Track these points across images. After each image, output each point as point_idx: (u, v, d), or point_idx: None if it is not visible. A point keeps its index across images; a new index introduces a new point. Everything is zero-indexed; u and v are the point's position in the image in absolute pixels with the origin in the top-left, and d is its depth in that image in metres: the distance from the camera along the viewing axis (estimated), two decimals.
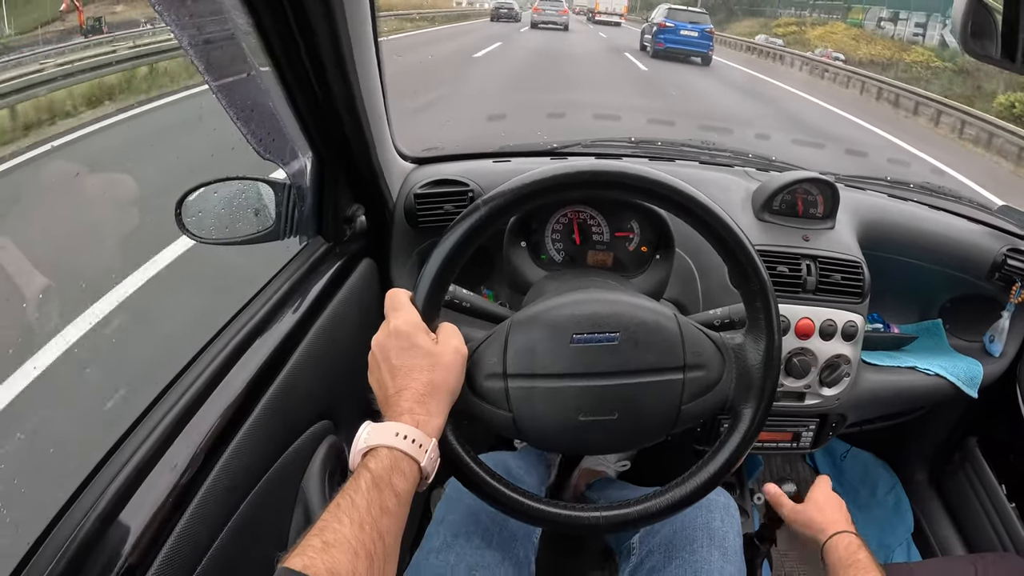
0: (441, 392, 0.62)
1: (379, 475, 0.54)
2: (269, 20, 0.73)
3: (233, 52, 0.77)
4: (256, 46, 0.77)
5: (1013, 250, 1.20)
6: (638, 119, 1.72)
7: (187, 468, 0.64)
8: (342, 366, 0.95)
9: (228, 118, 0.77)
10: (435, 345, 0.63)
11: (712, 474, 0.70)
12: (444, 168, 1.11)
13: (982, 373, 1.20)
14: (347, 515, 0.50)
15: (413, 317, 0.64)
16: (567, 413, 0.67)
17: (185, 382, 0.71)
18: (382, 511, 0.52)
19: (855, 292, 1.05)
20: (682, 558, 0.80)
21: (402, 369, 0.61)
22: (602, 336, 0.67)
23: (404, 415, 0.59)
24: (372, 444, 0.56)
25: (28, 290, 0.73)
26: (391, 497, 0.53)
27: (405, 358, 0.62)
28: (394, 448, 0.56)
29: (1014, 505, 1.29)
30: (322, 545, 0.47)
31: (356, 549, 0.48)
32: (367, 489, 0.52)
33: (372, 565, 0.49)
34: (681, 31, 13.87)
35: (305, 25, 0.74)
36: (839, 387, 1.08)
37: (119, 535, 0.58)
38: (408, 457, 0.56)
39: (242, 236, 0.96)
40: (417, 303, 0.66)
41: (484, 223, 0.67)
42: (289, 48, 0.77)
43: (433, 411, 0.60)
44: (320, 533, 0.48)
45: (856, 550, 0.83)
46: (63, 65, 2.15)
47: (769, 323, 0.70)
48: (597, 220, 0.98)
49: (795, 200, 1.09)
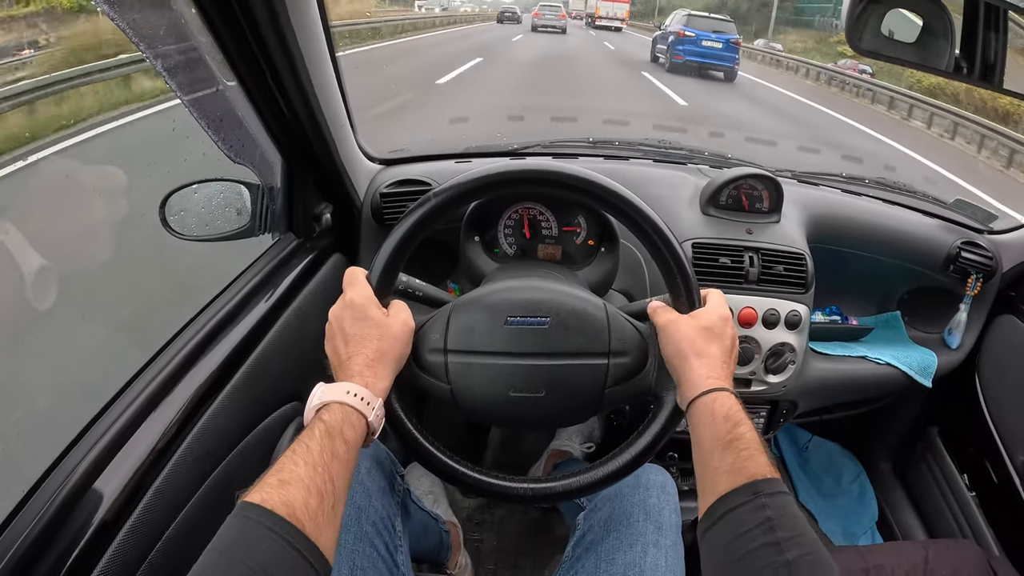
0: (388, 359, 0.68)
1: (332, 426, 0.59)
2: (231, 42, 0.80)
3: (201, 70, 0.85)
4: (223, 64, 0.85)
5: (967, 243, 1.23)
6: (595, 119, 1.75)
7: (162, 436, 0.71)
8: (311, 353, 1.01)
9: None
10: (385, 317, 0.70)
11: (634, 455, 0.75)
12: (409, 169, 1.18)
13: (936, 363, 1.23)
14: (302, 458, 0.55)
15: (367, 291, 0.70)
16: (499, 388, 0.73)
17: (161, 362, 0.79)
18: (333, 456, 0.56)
19: (798, 283, 1.09)
20: (619, 531, 0.85)
21: (355, 337, 0.67)
22: (534, 320, 0.74)
23: (355, 377, 0.64)
24: (325, 400, 0.61)
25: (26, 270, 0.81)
26: (341, 445, 0.58)
27: (358, 327, 0.67)
28: (345, 404, 0.61)
29: (974, 494, 1.31)
30: (278, 483, 0.52)
31: (309, 487, 0.53)
32: (320, 437, 0.57)
33: (323, 502, 0.53)
34: (703, 42, 11.84)
35: (262, 45, 0.82)
36: (784, 374, 1.12)
37: (99, 493, 0.65)
38: (357, 412, 0.61)
39: (220, 233, 1.03)
40: (371, 280, 0.72)
41: (433, 213, 0.73)
42: (251, 66, 0.85)
43: (380, 375, 0.66)
44: (277, 473, 0.53)
45: (738, 422, 0.63)
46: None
47: (690, 298, 0.74)
48: (546, 216, 1.04)
49: (740, 195, 1.14)
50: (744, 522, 0.55)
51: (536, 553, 1.41)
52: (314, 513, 0.52)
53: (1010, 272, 1.25)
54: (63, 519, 0.62)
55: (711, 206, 1.13)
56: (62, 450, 0.67)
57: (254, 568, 0.47)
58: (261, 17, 0.76)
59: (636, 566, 0.80)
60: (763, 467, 0.59)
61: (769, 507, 0.55)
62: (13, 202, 0.83)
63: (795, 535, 0.53)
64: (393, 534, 0.86)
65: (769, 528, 0.54)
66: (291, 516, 0.51)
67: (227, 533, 0.50)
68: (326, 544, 0.53)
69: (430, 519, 1.11)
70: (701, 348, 0.69)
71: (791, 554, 0.52)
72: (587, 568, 0.83)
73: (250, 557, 0.48)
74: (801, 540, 0.53)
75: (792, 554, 0.52)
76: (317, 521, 0.52)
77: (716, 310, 0.73)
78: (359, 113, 1.08)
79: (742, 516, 0.56)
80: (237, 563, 0.47)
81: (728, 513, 0.57)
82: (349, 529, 0.78)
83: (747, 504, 0.56)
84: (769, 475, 0.58)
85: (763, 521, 0.54)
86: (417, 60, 10.79)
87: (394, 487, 0.91)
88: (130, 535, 0.65)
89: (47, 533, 0.60)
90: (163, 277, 1.76)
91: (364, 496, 0.83)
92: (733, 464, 0.59)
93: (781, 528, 0.54)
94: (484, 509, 1.49)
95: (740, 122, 7.23)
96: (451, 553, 1.23)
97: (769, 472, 0.58)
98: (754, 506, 0.56)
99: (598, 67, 12.55)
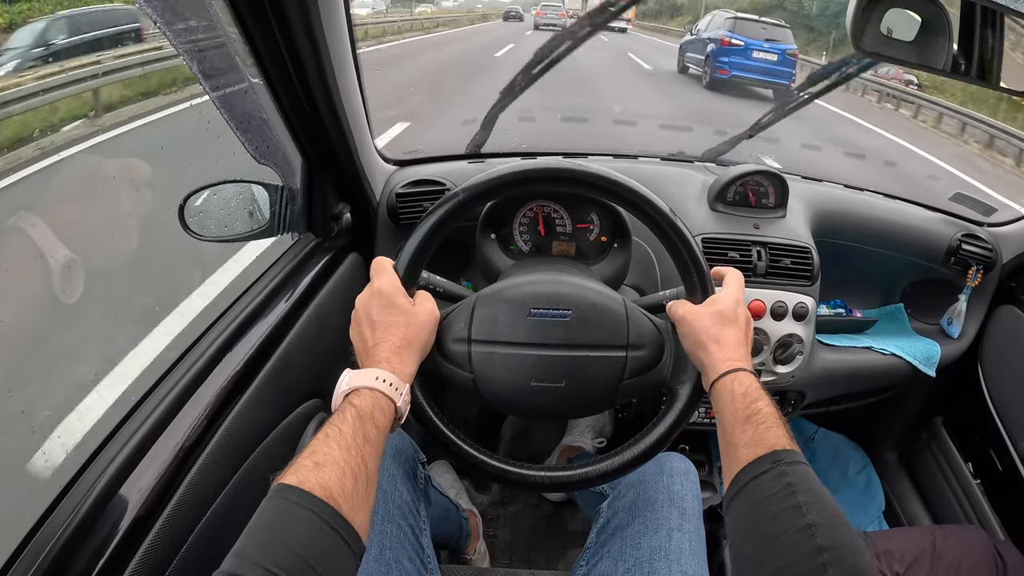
0: (414, 346, 0.69)
1: (363, 410, 0.60)
2: (262, 46, 0.83)
3: (230, 69, 0.87)
4: (249, 62, 0.88)
5: (967, 236, 1.26)
6: (605, 121, 1.79)
7: (190, 433, 0.73)
8: (331, 349, 1.04)
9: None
10: (412, 306, 0.72)
11: (650, 444, 0.77)
12: (423, 169, 1.21)
13: (939, 353, 1.25)
14: (335, 441, 0.56)
15: (394, 280, 0.72)
16: (521, 378, 0.76)
17: (188, 362, 0.81)
18: (365, 440, 0.58)
19: (805, 275, 1.12)
20: (644, 517, 0.87)
21: (381, 324, 0.69)
22: (556, 312, 0.76)
23: (382, 363, 0.65)
24: (355, 386, 0.62)
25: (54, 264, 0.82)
26: (372, 429, 0.59)
27: (385, 315, 0.69)
28: (375, 389, 0.62)
29: (978, 482, 1.34)
30: (313, 465, 0.54)
31: (344, 469, 0.54)
32: (352, 421, 0.59)
33: (357, 484, 0.55)
34: (754, 52, 9.08)
35: (292, 50, 0.85)
36: (792, 365, 1.15)
37: (130, 490, 0.67)
38: (386, 397, 0.63)
39: (239, 234, 1.05)
40: (398, 270, 0.74)
41: (460, 207, 0.75)
42: (280, 69, 0.88)
43: (407, 361, 0.68)
44: (311, 455, 0.55)
45: (756, 398, 0.65)
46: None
47: (704, 288, 0.76)
48: (560, 213, 1.07)
49: (747, 191, 1.17)
50: (766, 488, 0.58)
51: (549, 548, 1.43)
52: (350, 495, 0.54)
53: (1010, 263, 1.27)
54: (95, 518, 0.63)
55: (719, 202, 1.16)
56: (93, 450, 0.69)
57: (295, 549, 0.49)
58: (292, 16, 0.79)
59: (662, 550, 0.82)
60: (782, 438, 0.61)
61: (789, 474, 0.57)
62: (42, 196, 0.85)
63: (816, 499, 0.56)
64: (418, 518, 0.88)
65: (791, 493, 0.56)
66: (328, 497, 0.52)
67: (267, 515, 0.51)
68: (361, 524, 0.55)
69: (451, 505, 1.13)
70: (717, 334, 0.71)
71: (811, 516, 0.54)
72: (612, 553, 0.85)
73: (291, 538, 0.49)
74: (822, 504, 0.56)
75: (813, 516, 0.54)
76: (353, 502, 0.54)
77: (729, 294, 0.75)
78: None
79: (764, 483, 0.58)
80: (279, 544, 0.49)
81: (751, 482, 0.59)
82: (377, 511, 0.80)
83: (768, 472, 0.58)
84: (788, 446, 0.60)
85: (784, 487, 0.57)
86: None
87: (416, 474, 0.93)
88: (163, 531, 0.67)
89: (80, 533, 0.61)
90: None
91: (390, 481, 0.86)
92: (753, 437, 0.62)
93: (802, 493, 0.56)
94: (498, 505, 1.52)
95: (745, 121, 6.74)
96: (470, 540, 1.25)
97: (788, 443, 0.61)
98: (775, 474, 0.58)
99: (620, 81, 10.55)
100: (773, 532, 0.55)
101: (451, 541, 1.19)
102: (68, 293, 0.87)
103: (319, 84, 0.92)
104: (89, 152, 2.04)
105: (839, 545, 0.53)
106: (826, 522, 0.54)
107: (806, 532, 0.53)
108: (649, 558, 0.82)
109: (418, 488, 0.92)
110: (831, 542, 0.52)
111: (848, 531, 0.55)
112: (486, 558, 1.33)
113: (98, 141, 2.24)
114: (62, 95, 2.01)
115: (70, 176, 0.92)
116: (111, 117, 2.47)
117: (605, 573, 0.84)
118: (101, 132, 2.35)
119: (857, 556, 0.53)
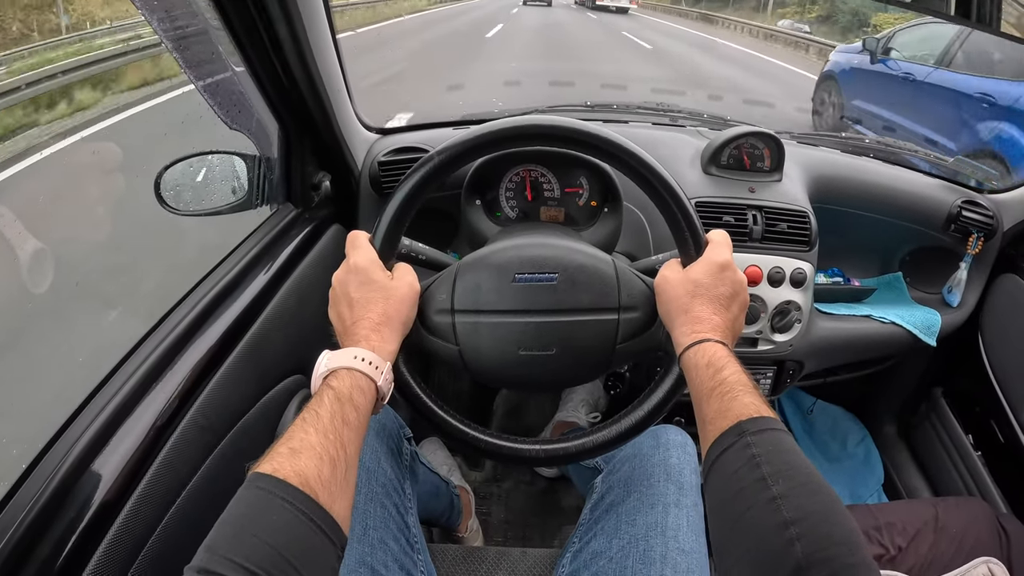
0: (395, 322, 0.67)
1: (341, 392, 0.58)
2: (234, 13, 0.79)
3: (200, 35, 0.84)
4: (221, 29, 0.84)
5: (968, 202, 1.23)
6: (593, 84, 1.75)
7: (164, 409, 0.70)
8: (312, 324, 1.00)
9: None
10: (390, 280, 0.69)
11: (647, 412, 0.73)
12: (406, 137, 1.17)
13: (940, 322, 1.23)
14: (312, 426, 0.54)
15: (371, 254, 0.69)
16: (508, 347, 0.72)
17: (159, 335, 0.77)
18: (344, 423, 0.56)
19: (802, 240, 1.09)
20: (640, 491, 0.84)
21: (359, 301, 0.66)
22: (542, 276, 0.73)
23: (361, 341, 0.63)
24: (332, 367, 0.60)
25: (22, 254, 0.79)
26: (351, 411, 0.57)
27: (363, 291, 0.66)
28: (353, 369, 0.60)
29: (979, 453, 1.32)
30: (289, 451, 0.51)
31: (321, 455, 0.52)
32: (330, 404, 0.56)
33: (335, 469, 0.52)
34: None
35: (263, 12, 0.81)
36: (791, 333, 1.11)
37: (102, 467, 0.63)
38: (366, 376, 0.60)
39: (217, 207, 1.01)
40: (375, 243, 0.71)
41: (435, 171, 0.71)
42: (254, 39, 0.84)
43: (387, 338, 0.65)
44: (287, 441, 0.52)
45: (720, 367, 0.61)
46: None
47: (698, 246, 0.72)
48: (548, 177, 1.03)
49: (741, 155, 1.13)
50: (731, 463, 0.54)
51: (544, 525, 1.41)
52: (327, 482, 0.51)
53: (1011, 231, 1.25)
54: (63, 496, 0.60)
55: (713, 165, 1.13)
56: (59, 426, 0.66)
57: (268, 541, 0.46)
58: None
59: (658, 526, 0.79)
60: (748, 407, 0.56)
61: (755, 445, 0.53)
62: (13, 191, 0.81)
63: (783, 468, 0.51)
64: (403, 496, 0.85)
65: (755, 465, 0.52)
66: (304, 485, 0.50)
67: (239, 505, 0.49)
68: (340, 512, 0.52)
69: (440, 482, 1.10)
70: (686, 304, 0.68)
71: (777, 487, 0.49)
72: (607, 530, 0.82)
73: (263, 530, 0.47)
74: (790, 472, 0.51)
75: (779, 487, 0.49)
76: (331, 490, 0.51)
77: (710, 257, 0.70)
78: None
79: (729, 458, 0.54)
80: (250, 537, 0.46)
81: (718, 459, 0.55)
82: (360, 491, 0.77)
83: (733, 446, 0.54)
84: (755, 414, 0.55)
85: (748, 459, 0.52)
86: None
87: (401, 450, 0.90)
88: (136, 509, 0.64)
89: (45, 515, 0.58)
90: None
91: (373, 458, 0.82)
92: (718, 410, 0.58)
93: (767, 463, 0.51)
94: (491, 482, 1.49)
95: (738, 85, 6.91)
96: (462, 517, 1.22)
97: (755, 411, 0.56)
98: (740, 446, 0.54)
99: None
100: (739, 510, 0.51)
101: (441, 519, 1.16)
102: (37, 283, 0.83)
103: (294, 52, 0.88)
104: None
105: (807, 515, 0.48)
106: (793, 491, 0.49)
107: (771, 506, 0.49)
108: (645, 535, 0.78)
109: (403, 465, 0.89)
110: (797, 513, 0.47)
111: (819, 497, 0.49)
112: (479, 535, 1.30)
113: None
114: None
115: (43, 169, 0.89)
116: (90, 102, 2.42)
117: (599, 550, 0.81)
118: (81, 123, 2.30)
119: (830, 523, 0.47)
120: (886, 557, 1.08)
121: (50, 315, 1.03)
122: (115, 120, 2.53)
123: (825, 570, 0.44)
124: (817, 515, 0.48)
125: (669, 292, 0.69)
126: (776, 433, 0.54)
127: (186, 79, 0.84)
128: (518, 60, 8.13)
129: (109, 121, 2.49)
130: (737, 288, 0.69)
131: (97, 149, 0.79)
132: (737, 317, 0.69)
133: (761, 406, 0.57)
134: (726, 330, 0.67)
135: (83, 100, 2.37)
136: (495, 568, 0.94)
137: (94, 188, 0.86)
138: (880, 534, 1.10)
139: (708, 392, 0.60)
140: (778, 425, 0.55)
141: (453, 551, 0.96)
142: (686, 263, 0.71)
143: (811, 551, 0.45)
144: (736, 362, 0.62)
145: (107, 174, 0.86)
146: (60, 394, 0.72)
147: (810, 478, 0.51)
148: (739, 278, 0.70)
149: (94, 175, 0.90)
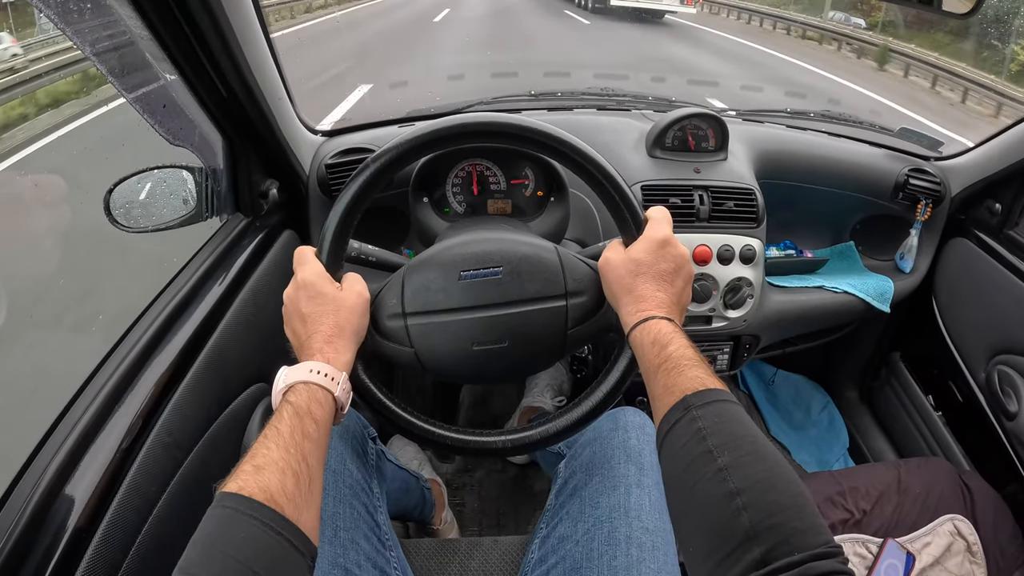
0: (347, 332, 0.68)
1: (299, 406, 0.59)
2: (160, 23, 0.78)
3: (134, 53, 0.83)
4: (154, 44, 0.83)
5: (915, 170, 1.25)
6: (535, 74, 1.75)
7: (128, 430, 0.70)
8: (271, 332, 1.00)
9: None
10: (339, 292, 0.69)
11: (605, 393, 0.75)
12: (352, 138, 1.17)
13: (892, 289, 1.25)
14: (273, 442, 0.55)
15: (317, 268, 0.70)
16: (462, 344, 0.73)
17: (118, 357, 0.77)
18: (304, 436, 0.57)
19: (749, 217, 1.11)
20: (602, 474, 0.85)
21: (311, 316, 0.67)
22: (487, 271, 0.74)
23: (316, 354, 0.64)
24: (290, 382, 0.61)
25: None
26: (311, 424, 0.58)
27: (313, 305, 0.67)
28: (309, 382, 0.61)
29: (940, 414, 1.35)
30: (253, 469, 0.52)
31: (283, 469, 0.53)
32: (289, 419, 0.57)
33: (299, 483, 0.53)
34: None
35: (193, 24, 0.80)
36: (744, 309, 1.13)
37: (71, 494, 0.64)
38: (323, 388, 0.62)
39: (168, 221, 1.01)
40: (321, 256, 0.72)
41: (373, 179, 0.72)
42: (184, 47, 0.83)
43: (341, 349, 0.66)
44: (251, 459, 0.53)
45: (666, 343, 0.62)
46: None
47: (638, 226, 0.72)
48: (493, 170, 1.04)
49: (686, 136, 1.15)
50: (679, 438, 0.54)
51: (518, 511, 1.43)
52: (292, 495, 0.52)
53: (959, 196, 1.27)
54: (37, 526, 0.60)
55: (657, 148, 1.14)
56: (27, 457, 0.66)
57: (237, 556, 0.47)
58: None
59: (621, 507, 0.80)
60: (693, 381, 0.57)
61: (700, 418, 0.54)
62: None
63: (729, 439, 0.52)
64: (371, 495, 0.86)
65: (701, 438, 0.52)
66: (269, 500, 0.51)
67: (208, 525, 0.50)
68: (307, 523, 0.53)
69: (410, 477, 1.11)
70: (629, 284, 0.68)
71: (723, 459, 0.50)
72: (572, 514, 0.83)
73: (231, 546, 0.48)
74: (736, 443, 0.51)
75: (725, 458, 0.50)
76: (296, 502, 0.52)
77: (649, 235, 0.70)
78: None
79: (677, 433, 0.55)
80: (220, 554, 0.47)
81: (667, 434, 0.56)
82: (328, 494, 0.78)
83: (680, 420, 0.55)
84: (700, 387, 0.56)
85: (695, 433, 0.53)
86: None
87: (366, 450, 0.91)
88: (109, 533, 0.64)
89: (22, 543, 0.59)
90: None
91: (339, 461, 0.83)
92: (665, 386, 0.58)
93: (713, 435, 0.52)
94: (463, 473, 1.50)
95: (680, 66, 6.98)
96: (435, 510, 1.23)
97: (700, 384, 0.56)
98: (686, 420, 0.54)
99: None
100: (689, 484, 0.52)
101: (414, 513, 1.17)
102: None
103: (228, 62, 0.87)
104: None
105: (753, 484, 0.48)
106: (738, 461, 0.50)
107: (718, 478, 0.49)
108: (608, 516, 0.80)
109: (369, 465, 0.90)
110: (743, 483, 0.48)
111: (766, 465, 0.50)
112: (454, 527, 1.31)
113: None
114: None
115: None
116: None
117: (565, 535, 0.82)
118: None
119: (777, 490, 0.48)
120: (851, 521, 1.11)
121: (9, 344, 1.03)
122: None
123: (775, 537, 0.45)
124: (763, 483, 0.48)
125: (612, 273, 0.70)
126: (722, 404, 0.55)
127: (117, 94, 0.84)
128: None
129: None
130: (680, 262, 0.69)
131: (39, 182, 0.79)
132: (682, 291, 0.70)
133: (707, 379, 0.57)
134: (672, 305, 0.67)
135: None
136: (468, 559, 0.95)
137: (39, 220, 0.85)
138: (844, 499, 1.13)
139: (655, 369, 0.60)
140: (724, 396, 0.56)
141: (426, 545, 0.97)
142: (628, 243, 0.72)
143: (759, 519, 0.46)
144: (682, 336, 0.62)
145: (51, 206, 0.85)
146: (29, 420, 0.72)
147: (755, 446, 0.51)
148: (680, 252, 0.70)
149: (36, 207, 0.89)
